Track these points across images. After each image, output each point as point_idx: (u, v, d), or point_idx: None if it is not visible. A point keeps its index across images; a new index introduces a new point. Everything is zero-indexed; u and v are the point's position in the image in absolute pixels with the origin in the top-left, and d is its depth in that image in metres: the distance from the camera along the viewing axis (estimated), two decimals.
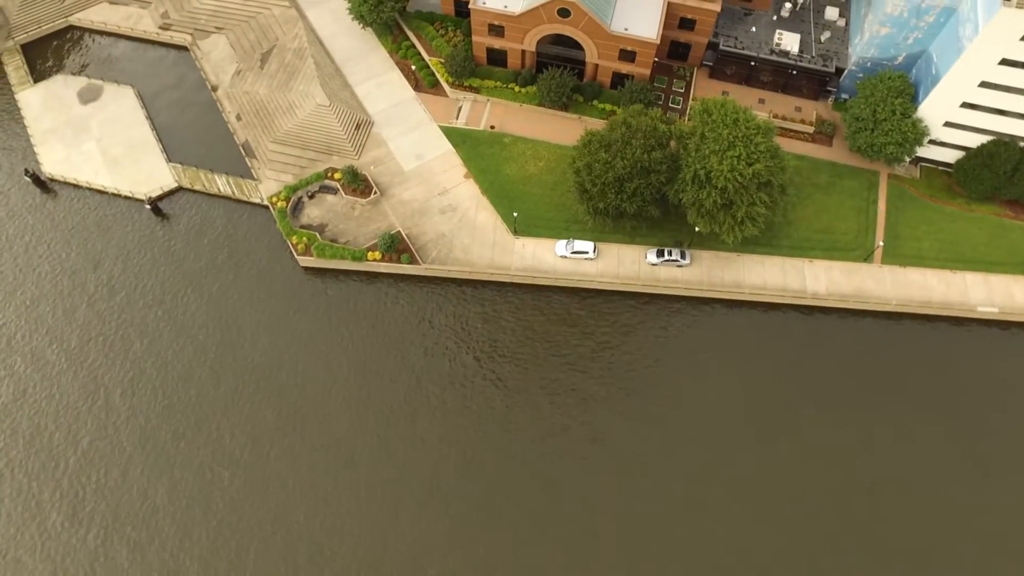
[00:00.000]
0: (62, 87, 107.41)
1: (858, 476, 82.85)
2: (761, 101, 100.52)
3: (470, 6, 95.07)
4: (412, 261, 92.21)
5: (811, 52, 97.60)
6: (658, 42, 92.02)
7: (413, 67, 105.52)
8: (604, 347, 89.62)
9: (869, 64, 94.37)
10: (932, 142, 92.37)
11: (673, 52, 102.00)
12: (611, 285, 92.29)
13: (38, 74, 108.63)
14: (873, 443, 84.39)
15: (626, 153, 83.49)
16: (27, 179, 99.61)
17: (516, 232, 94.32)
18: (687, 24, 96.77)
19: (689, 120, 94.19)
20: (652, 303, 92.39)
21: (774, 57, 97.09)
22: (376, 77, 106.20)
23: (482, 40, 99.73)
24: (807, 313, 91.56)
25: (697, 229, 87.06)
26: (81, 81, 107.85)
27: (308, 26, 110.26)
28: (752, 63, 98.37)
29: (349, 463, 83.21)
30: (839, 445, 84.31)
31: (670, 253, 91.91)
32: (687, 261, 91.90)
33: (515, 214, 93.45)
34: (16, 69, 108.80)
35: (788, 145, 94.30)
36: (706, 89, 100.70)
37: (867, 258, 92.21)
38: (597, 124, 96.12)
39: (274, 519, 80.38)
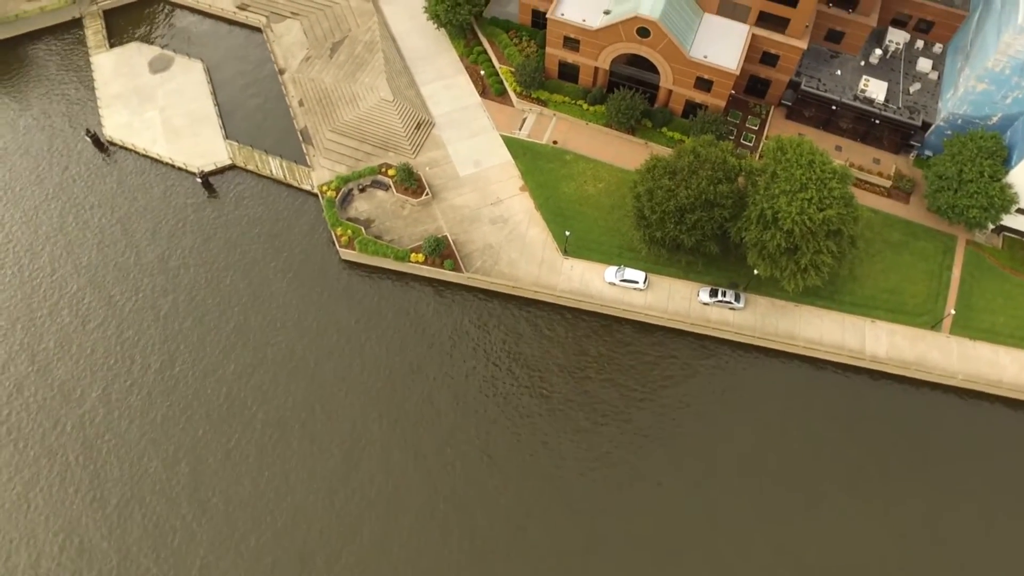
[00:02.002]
0: (135, 54, 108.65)
1: (918, 561, 77.00)
2: (838, 148, 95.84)
3: (548, 16, 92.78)
4: (455, 268, 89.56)
5: (897, 102, 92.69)
6: (737, 73, 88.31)
7: (482, 73, 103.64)
8: (641, 382, 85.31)
9: (960, 121, 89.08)
10: (1020, 211, 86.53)
11: (751, 87, 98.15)
12: (658, 319, 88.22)
13: (115, 39, 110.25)
14: (936, 525, 78.52)
15: (691, 183, 79.74)
16: (87, 139, 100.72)
17: (566, 252, 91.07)
18: (769, 59, 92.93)
19: (761, 158, 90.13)
20: (698, 343, 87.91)
21: (857, 103, 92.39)
22: (444, 79, 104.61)
23: (556, 53, 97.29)
24: (863, 375, 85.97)
25: (756, 272, 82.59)
26: (154, 51, 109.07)
27: (382, 21, 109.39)
28: (833, 107, 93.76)
29: (351, 467, 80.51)
30: (893, 522, 78.50)
31: (724, 294, 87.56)
32: (741, 304, 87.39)
33: (567, 233, 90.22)
34: (95, 33, 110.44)
35: (862, 197, 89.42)
36: (781, 129, 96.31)
37: (935, 326, 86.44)
38: (664, 152, 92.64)
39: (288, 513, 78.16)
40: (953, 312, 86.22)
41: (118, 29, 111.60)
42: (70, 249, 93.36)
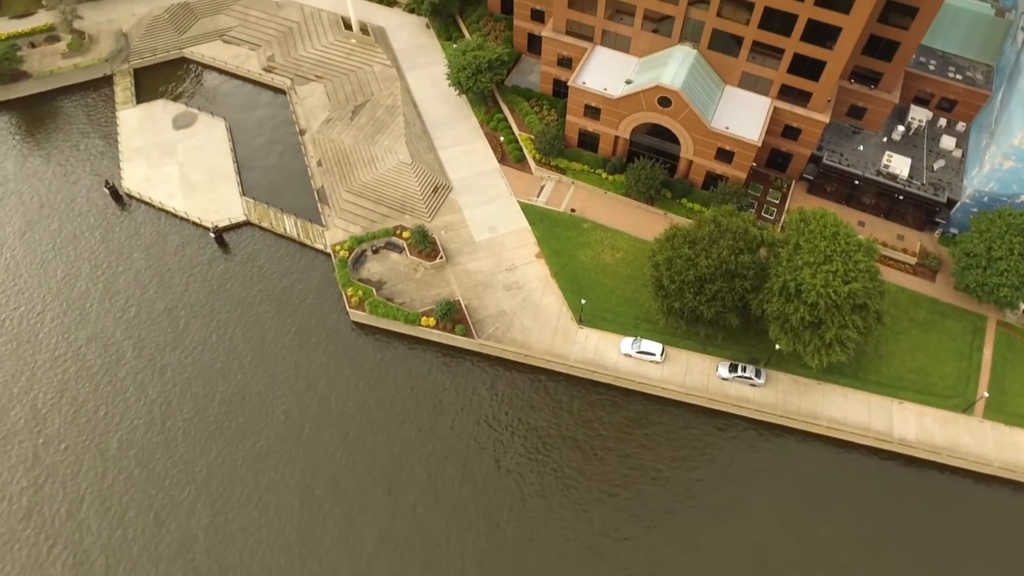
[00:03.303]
0: (160, 111, 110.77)
1: None
2: (861, 224, 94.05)
3: (569, 84, 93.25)
4: (466, 334, 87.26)
5: (921, 179, 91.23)
6: (759, 144, 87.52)
7: (502, 139, 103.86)
8: (655, 460, 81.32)
9: (986, 199, 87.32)
10: None
11: (772, 161, 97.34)
12: (674, 394, 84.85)
13: (143, 96, 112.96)
14: None
15: (712, 252, 77.77)
16: (105, 190, 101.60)
17: (581, 321, 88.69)
18: (791, 133, 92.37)
19: (783, 230, 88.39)
20: (716, 420, 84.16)
21: (881, 179, 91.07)
22: (463, 144, 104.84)
23: (576, 121, 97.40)
24: (891, 460, 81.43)
25: (778, 347, 79.61)
26: (179, 108, 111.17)
27: (405, 86, 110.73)
28: (856, 182, 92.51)
29: (348, 529, 76.47)
30: None
31: (744, 369, 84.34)
32: (762, 381, 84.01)
33: (583, 301, 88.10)
34: (124, 89, 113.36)
35: (887, 274, 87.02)
36: (803, 204, 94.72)
37: (967, 409, 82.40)
38: (683, 222, 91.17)
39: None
40: (986, 395, 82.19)
41: (147, 87, 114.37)
42: (77, 297, 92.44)
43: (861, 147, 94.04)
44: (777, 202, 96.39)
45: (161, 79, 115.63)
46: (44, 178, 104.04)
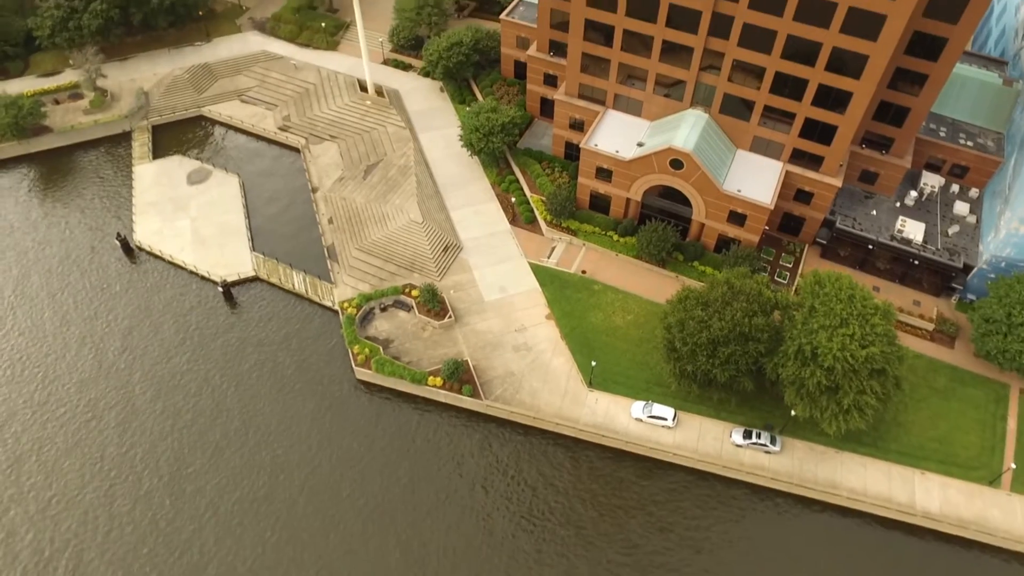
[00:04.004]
0: (176, 166, 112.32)
1: None
2: (876, 289, 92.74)
3: (581, 146, 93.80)
4: (474, 395, 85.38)
5: (936, 244, 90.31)
6: (771, 207, 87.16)
7: (513, 200, 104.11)
8: (666, 529, 78.05)
9: (1003, 264, 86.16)
10: None
11: (785, 224, 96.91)
12: (686, 460, 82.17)
13: (159, 152, 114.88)
14: None
15: (725, 314, 76.39)
16: (116, 242, 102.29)
17: (591, 384, 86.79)
18: (803, 197, 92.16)
19: (797, 293, 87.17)
20: (730, 489, 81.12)
21: (895, 243, 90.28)
22: (474, 205, 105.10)
23: (588, 183, 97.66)
24: (913, 534, 77.84)
25: (793, 413, 77.29)
26: (194, 164, 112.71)
27: (418, 147, 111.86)
28: (870, 247, 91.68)
29: None
30: None
31: (759, 436, 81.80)
32: (777, 448, 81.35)
33: (593, 364, 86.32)
34: (141, 145, 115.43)
35: (904, 340, 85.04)
36: (816, 268, 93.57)
37: (993, 482, 79.18)
38: (696, 285, 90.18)
39: None
40: (1013, 467, 79.13)
41: (164, 143, 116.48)
42: (76, 346, 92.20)
43: (874, 212, 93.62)
44: (790, 266, 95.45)
45: (178, 136, 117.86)
46: (59, 228, 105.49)
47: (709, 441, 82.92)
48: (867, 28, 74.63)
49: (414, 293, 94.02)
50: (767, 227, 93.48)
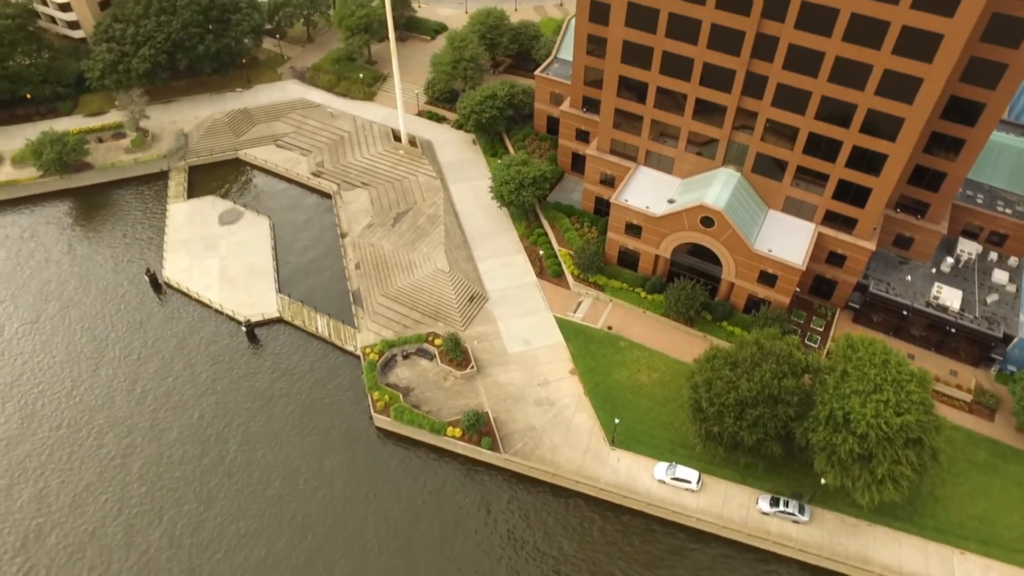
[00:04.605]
0: (209, 206, 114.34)
1: None
2: (911, 356, 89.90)
3: (611, 201, 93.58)
4: (493, 448, 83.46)
5: (974, 312, 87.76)
6: (803, 268, 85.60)
7: (541, 253, 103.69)
8: None
9: None
10: None
11: (816, 288, 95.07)
12: (710, 527, 78.99)
13: (194, 191, 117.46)
14: None
15: (754, 375, 74.21)
16: (146, 277, 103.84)
17: (613, 443, 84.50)
18: (836, 259, 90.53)
19: (829, 356, 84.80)
20: (755, 559, 77.57)
21: (931, 310, 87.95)
22: (502, 257, 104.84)
23: (617, 238, 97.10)
24: None
25: (824, 481, 74.21)
26: (227, 204, 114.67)
27: (448, 197, 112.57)
28: (904, 313, 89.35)
29: None
30: None
31: (787, 504, 78.56)
32: (806, 517, 77.99)
33: (616, 421, 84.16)
34: (177, 184, 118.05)
35: (940, 411, 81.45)
36: (849, 332, 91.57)
37: None
38: (724, 345, 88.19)
39: None
40: None
41: (199, 183, 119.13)
42: (100, 376, 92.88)
43: (909, 277, 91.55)
44: (821, 330, 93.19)
45: (214, 177, 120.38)
46: (92, 261, 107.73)
47: (734, 507, 79.77)
48: (903, 91, 74.11)
49: (437, 342, 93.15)
50: (798, 289, 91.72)
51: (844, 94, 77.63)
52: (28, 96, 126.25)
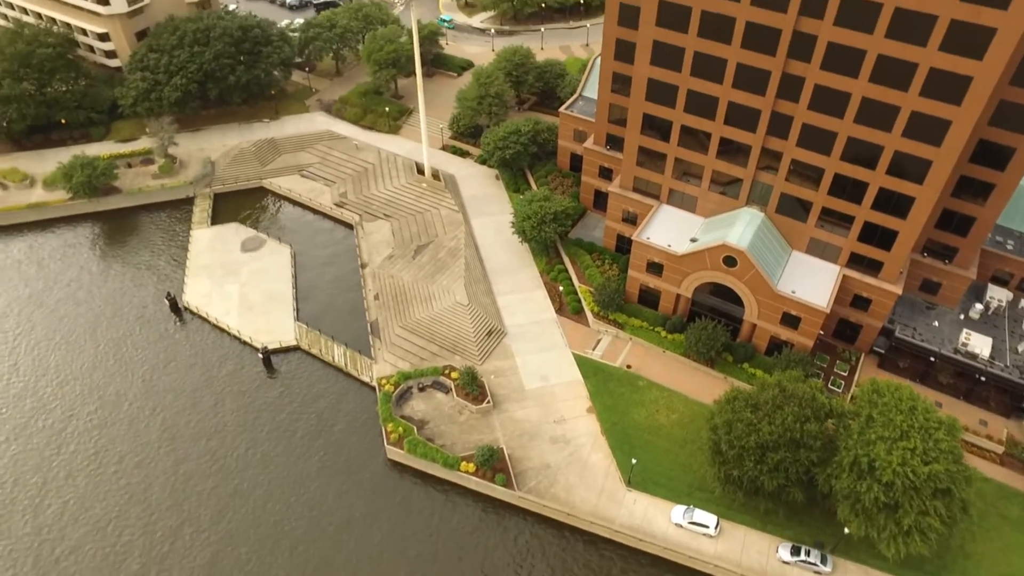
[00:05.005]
0: (232, 233, 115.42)
1: None
2: (938, 404, 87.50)
3: (633, 238, 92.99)
4: (507, 485, 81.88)
5: (1005, 361, 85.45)
6: (827, 311, 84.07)
7: (561, 290, 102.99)
8: None
9: None
10: None
11: (840, 331, 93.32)
12: (728, 574, 76.36)
13: (218, 218, 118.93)
14: None
15: (775, 418, 72.43)
16: (166, 301, 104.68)
17: (630, 484, 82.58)
18: (861, 303, 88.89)
19: (853, 401, 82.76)
20: None
21: (959, 357, 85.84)
22: (521, 292, 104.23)
23: (638, 276, 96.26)
24: None
25: (847, 530, 71.74)
26: (249, 232, 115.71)
27: (469, 231, 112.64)
28: (931, 359, 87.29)
29: None
30: None
31: (808, 553, 75.88)
32: (828, 568, 75.18)
33: (634, 461, 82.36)
34: (202, 211, 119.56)
35: (969, 461, 78.33)
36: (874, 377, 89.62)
37: None
38: (745, 387, 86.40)
39: None
40: None
41: (223, 210, 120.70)
42: (114, 398, 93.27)
43: (936, 323, 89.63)
44: (845, 374, 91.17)
45: (238, 204, 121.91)
46: (115, 283, 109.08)
47: (753, 555, 77.26)
48: (931, 133, 73.25)
49: (454, 375, 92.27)
50: (821, 332, 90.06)
51: (871, 135, 76.94)
52: (63, 121, 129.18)
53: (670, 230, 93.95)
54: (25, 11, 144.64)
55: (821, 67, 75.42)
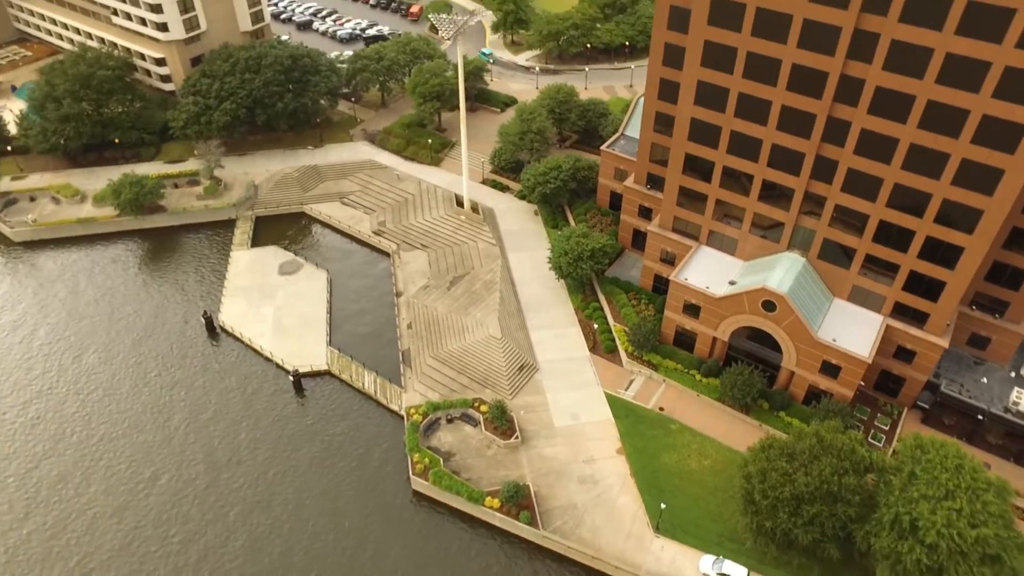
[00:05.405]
0: (270, 256, 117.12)
1: None
2: (987, 465, 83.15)
3: (671, 278, 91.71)
4: (531, 523, 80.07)
5: None
6: (869, 361, 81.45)
7: (595, 328, 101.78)
8: None
9: None
10: None
11: (882, 383, 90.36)
12: None
13: (258, 240, 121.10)
14: None
15: (812, 469, 69.88)
16: (202, 319, 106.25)
17: (658, 529, 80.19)
18: (904, 355, 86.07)
19: (895, 455, 79.64)
20: None
21: (1010, 417, 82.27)
22: (555, 328, 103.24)
23: (674, 317, 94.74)
24: None
25: None
26: (288, 256, 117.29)
27: (506, 265, 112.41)
28: (979, 417, 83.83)
29: None
30: None
31: None
32: None
33: (663, 506, 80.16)
34: (243, 233, 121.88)
35: (1021, 528, 75.20)
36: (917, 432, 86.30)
37: None
38: (780, 436, 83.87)
39: None
40: None
41: (264, 233, 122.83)
42: (141, 411, 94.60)
43: (985, 379, 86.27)
44: (886, 428, 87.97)
45: (278, 228, 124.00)
46: (153, 299, 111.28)
47: None
48: (982, 182, 71.11)
49: (483, 408, 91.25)
50: (862, 383, 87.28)
51: (918, 183, 75.06)
52: (116, 140, 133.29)
53: (709, 272, 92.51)
54: (90, 36, 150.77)
55: (868, 111, 74.03)
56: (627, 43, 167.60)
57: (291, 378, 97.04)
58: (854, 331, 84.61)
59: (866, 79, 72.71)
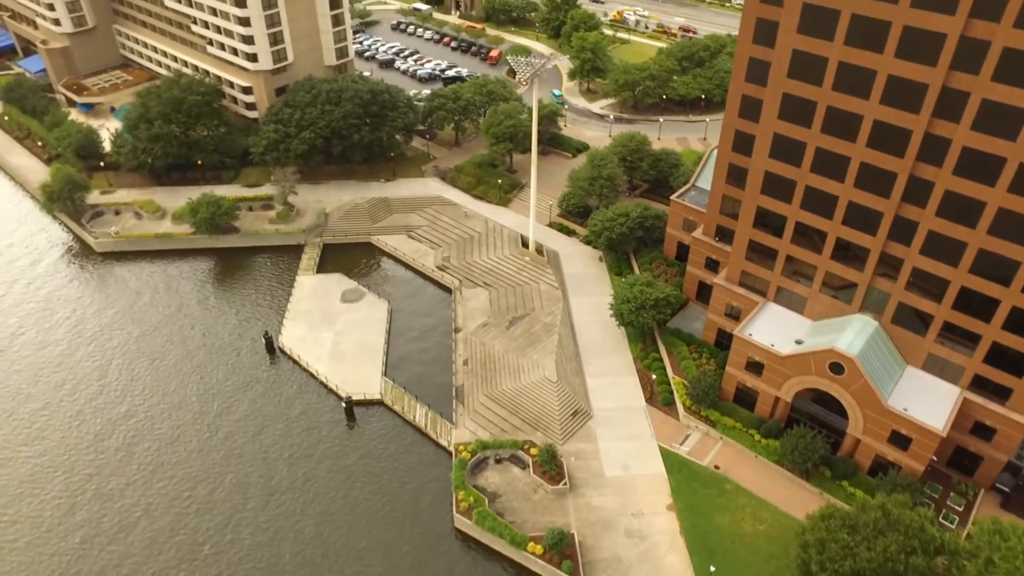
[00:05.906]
0: (334, 283, 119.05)
1: None
2: None
3: (735, 333, 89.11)
4: (573, 573, 77.38)
5: None
6: (943, 435, 76.89)
7: (653, 378, 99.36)
8: None
9: None
10: None
11: (956, 460, 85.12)
12: None
13: (323, 267, 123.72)
14: None
15: (876, 545, 65.78)
16: (263, 339, 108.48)
17: None
18: (983, 431, 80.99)
19: (969, 538, 74.48)
20: None
21: None
22: (612, 376, 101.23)
23: (736, 373, 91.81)
24: None
25: None
26: (351, 284, 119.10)
27: (567, 309, 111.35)
28: None
29: None
30: None
31: None
32: None
33: (712, 569, 76.61)
34: (310, 259, 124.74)
35: None
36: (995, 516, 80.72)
37: None
38: (842, 507, 79.53)
39: None
40: None
41: (330, 260, 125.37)
42: (192, 422, 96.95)
43: None
44: (960, 509, 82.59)
45: (344, 256, 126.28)
46: (219, 314, 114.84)
47: None
48: None
49: (533, 451, 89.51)
50: (935, 458, 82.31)
51: (1006, 249, 71.17)
52: (199, 162, 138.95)
53: (774, 329, 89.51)
54: (185, 63, 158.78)
55: (953, 172, 71.22)
56: (703, 96, 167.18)
57: (344, 404, 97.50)
58: (928, 401, 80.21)
59: (953, 139, 70.14)
